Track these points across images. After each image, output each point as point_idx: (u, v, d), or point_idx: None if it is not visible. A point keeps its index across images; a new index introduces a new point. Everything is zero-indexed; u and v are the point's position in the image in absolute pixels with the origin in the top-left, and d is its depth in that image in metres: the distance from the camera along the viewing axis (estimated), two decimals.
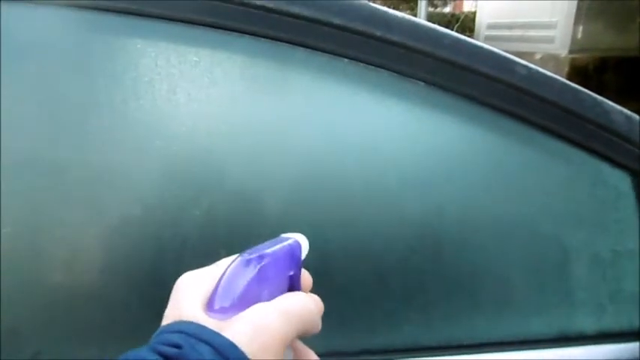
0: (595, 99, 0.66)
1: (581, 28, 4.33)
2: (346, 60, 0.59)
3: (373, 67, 0.60)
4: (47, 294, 0.53)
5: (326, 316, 0.60)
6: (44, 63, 0.53)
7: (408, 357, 0.59)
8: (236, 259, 0.31)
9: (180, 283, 0.31)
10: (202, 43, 0.56)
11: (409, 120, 0.62)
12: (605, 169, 0.66)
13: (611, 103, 0.67)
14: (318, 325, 0.32)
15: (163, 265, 0.54)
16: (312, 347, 0.58)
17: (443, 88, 0.62)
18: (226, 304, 0.29)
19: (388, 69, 0.60)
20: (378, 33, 0.59)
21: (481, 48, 0.63)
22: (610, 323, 0.66)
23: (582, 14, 4.28)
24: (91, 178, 0.54)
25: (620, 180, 0.67)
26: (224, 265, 0.32)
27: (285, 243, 0.33)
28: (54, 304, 0.53)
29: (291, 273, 0.32)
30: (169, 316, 0.29)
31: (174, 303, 0.30)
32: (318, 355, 0.59)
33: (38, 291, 0.53)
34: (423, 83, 0.61)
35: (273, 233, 0.57)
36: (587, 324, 0.66)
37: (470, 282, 0.63)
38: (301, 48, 0.58)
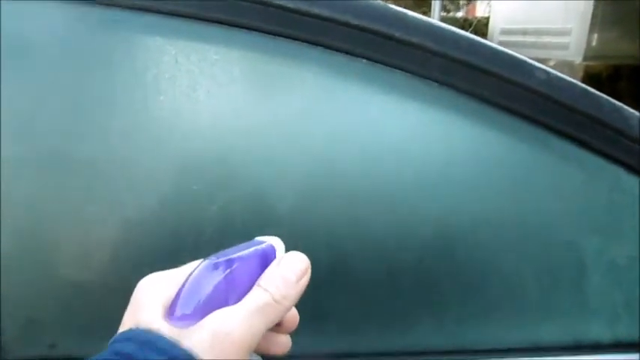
0: (614, 104, 0.66)
1: (596, 35, 4.29)
2: (364, 60, 0.59)
3: (391, 68, 0.60)
4: (63, 287, 0.53)
5: (337, 317, 0.60)
6: (61, 60, 0.53)
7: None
8: (202, 262, 0.29)
9: (140, 287, 0.29)
10: (221, 41, 0.56)
11: (425, 121, 0.62)
12: (623, 175, 0.66)
13: (629, 109, 0.66)
14: (290, 315, 0.32)
15: (180, 259, 0.54)
16: (322, 349, 0.59)
17: (460, 90, 0.61)
18: (188, 311, 0.27)
19: (406, 70, 0.60)
20: (397, 34, 0.59)
21: (499, 51, 0.63)
22: (626, 332, 0.65)
23: (597, 21, 4.25)
24: (108, 173, 0.54)
25: (637, 186, 0.66)
26: (189, 268, 0.30)
27: (258, 247, 0.31)
28: (70, 297, 0.53)
29: None
30: (126, 323, 0.28)
31: (132, 308, 0.28)
32: (328, 357, 0.59)
33: (54, 284, 0.54)
34: (440, 85, 0.61)
35: (286, 231, 0.58)
36: (602, 332, 0.65)
37: (483, 286, 0.63)
38: (319, 47, 0.58)
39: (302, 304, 0.58)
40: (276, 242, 0.33)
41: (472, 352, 0.61)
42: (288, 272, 0.30)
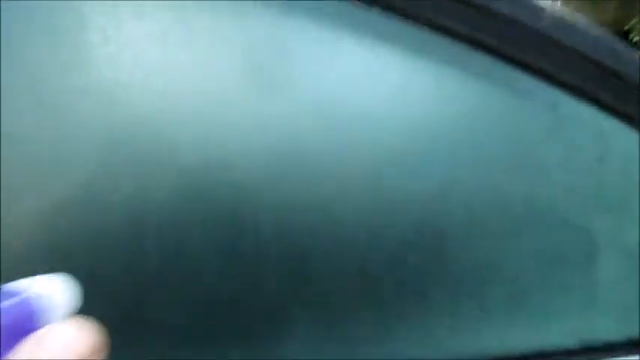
0: (630, 52, 0.54)
1: (559, 2, 4.27)
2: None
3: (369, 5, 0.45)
4: None
5: (304, 329, 0.47)
6: None
7: None
8: None
9: None
10: None
11: (412, 73, 0.48)
12: (638, 140, 0.54)
13: None
14: None
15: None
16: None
17: (456, 35, 0.47)
18: None
19: (391, 9, 0.46)
20: None
21: None
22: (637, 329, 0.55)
23: None
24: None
25: None
26: None
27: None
28: None
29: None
30: None
31: None
32: None
33: None
34: (430, 28, 0.47)
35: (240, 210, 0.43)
36: (614, 331, 0.55)
37: (477, 282, 0.50)
38: None
39: (259, 311, 0.46)
40: (46, 291, 0.18)
41: None
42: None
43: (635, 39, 3.79)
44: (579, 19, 0.52)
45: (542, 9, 0.51)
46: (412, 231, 0.47)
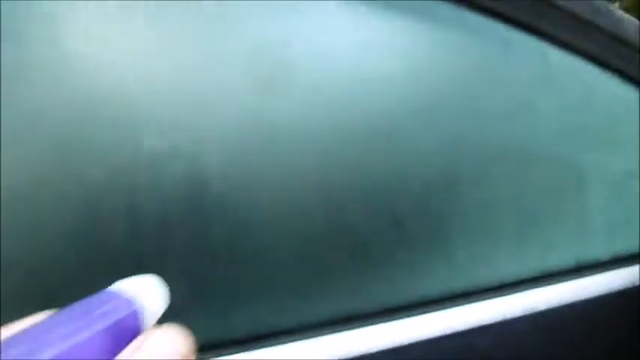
0: (606, 6, 0.60)
1: None
2: None
3: None
4: None
5: (339, 275, 0.52)
6: None
7: (433, 311, 0.53)
8: None
9: None
10: None
11: (415, 37, 0.53)
12: (617, 84, 0.61)
13: (621, 11, 0.61)
14: None
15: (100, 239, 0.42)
16: (324, 314, 0.50)
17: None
18: None
19: None
20: None
21: None
22: (624, 247, 0.63)
23: None
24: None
25: (631, 96, 0.62)
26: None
27: (106, 309, 0.18)
28: None
29: None
30: None
31: None
32: (334, 323, 0.51)
33: None
34: None
35: (279, 177, 0.46)
36: (603, 250, 0.63)
37: (487, 218, 0.57)
38: None
39: (299, 263, 0.50)
40: (145, 295, 0.19)
41: (485, 291, 0.56)
42: None
43: None
44: None
45: None
46: (431, 177, 0.53)
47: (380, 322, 0.50)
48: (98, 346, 0.17)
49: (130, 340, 0.18)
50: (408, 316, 0.51)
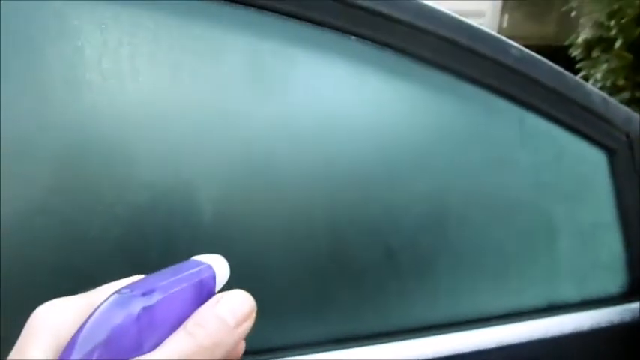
0: (577, 81, 0.70)
1: (506, 17, 4.58)
2: (353, 38, 0.58)
3: (376, 44, 0.59)
4: None
5: (335, 301, 0.59)
6: None
7: (417, 337, 0.60)
8: (111, 295, 0.22)
9: (33, 320, 0.23)
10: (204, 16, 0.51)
11: (413, 100, 0.62)
12: (585, 147, 0.71)
13: (590, 85, 0.71)
14: (236, 351, 0.25)
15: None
16: (319, 335, 0.58)
17: (444, 68, 0.62)
18: (85, 358, 0.20)
19: (393, 47, 0.60)
20: (385, 10, 0.58)
21: (480, 30, 0.64)
22: (591, 291, 0.71)
23: (508, 5, 4.53)
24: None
25: (597, 157, 0.71)
26: (103, 294, 0.23)
27: (192, 271, 0.25)
28: None
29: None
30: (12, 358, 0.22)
31: (21, 342, 0.22)
32: (328, 343, 0.58)
33: None
34: (423, 62, 0.61)
35: (283, 212, 0.55)
36: (572, 292, 0.70)
37: (470, 257, 0.65)
38: (307, 24, 0.56)
39: (299, 290, 0.57)
40: (217, 264, 0.26)
41: (465, 323, 0.63)
42: (226, 314, 0.23)
43: (574, 54, 4.09)
44: (537, 55, 0.67)
45: (511, 46, 0.66)
46: (422, 217, 0.61)
47: (369, 344, 0.57)
48: (188, 296, 0.23)
49: (207, 297, 0.24)
50: (395, 340, 0.58)
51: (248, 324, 0.24)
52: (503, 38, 0.66)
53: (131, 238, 0.50)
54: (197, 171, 0.52)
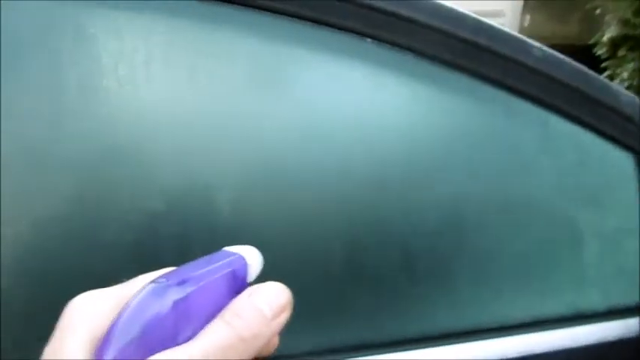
0: (604, 81, 0.68)
1: (528, 16, 4.50)
2: (369, 40, 0.57)
3: (395, 47, 0.58)
4: None
5: (352, 307, 0.58)
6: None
7: (436, 345, 0.58)
8: (147, 285, 0.22)
9: (70, 310, 0.23)
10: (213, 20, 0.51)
11: (431, 102, 0.61)
12: (611, 150, 0.68)
13: (617, 85, 0.69)
14: (270, 344, 0.24)
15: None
16: (336, 342, 0.57)
17: (464, 69, 0.60)
18: (121, 351, 0.20)
19: (410, 49, 0.58)
20: (401, 11, 0.57)
21: (499, 29, 0.62)
22: (618, 299, 0.68)
23: (529, 4, 4.45)
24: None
25: (624, 160, 0.69)
26: (136, 287, 0.23)
27: (225, 261, 0.24)
28: None
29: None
30: (48, 355, 0.22)
31: (57, 337, 0.22)
32: (345, 350, 0.57)
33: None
34: (444, 64, 0.60)
35: (300, 216, 0.54)
36: (598, 301, 0.68)
37: (490, 264, 0.63)
38: (325, 27, 0.55)
39: (315, 296, 0.56)
40: (250, 256, 0.25)
41: (485, 331, 0.61)
42: (264, 305, 0.23)
43: (599, 53, 3.99)
44: (560, 55, 0.65)
45: (532, 46, 0.64)
46: (441, 223, 0.60)
47: (387, 352, 0.56)
48: (222, 287, 0.23)
49: (240, 288, 0.24)
50: (413, 348, 0.56)
51: (284, 316, 0.24)
52: (525, 38, 0.64)
53: (147, 243, 0.50)
54: (213, 175, 0.52)
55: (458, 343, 0.59)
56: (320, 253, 0.56)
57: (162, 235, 0.50)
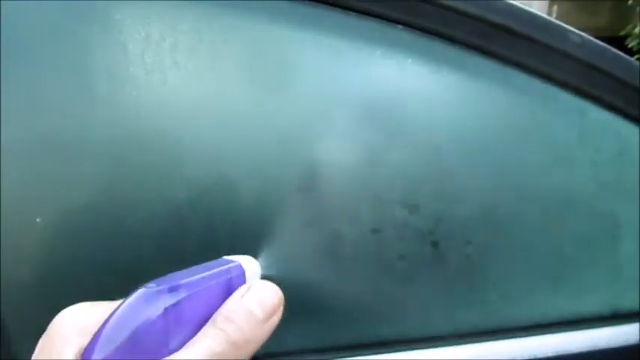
0: None
1: (555, 7, 4.38)
2: (400, 26, 0.55)
3: (424, 32, 0.56)
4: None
5: (381, 303, 0.57)
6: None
7: (469, 342, 0.56)
8: (137, 290, 0.22)
9: (59, 320, 0.22)
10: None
11: (463, 91, 0.59)
12: None
13: None
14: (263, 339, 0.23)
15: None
16: (362, 338, 0.55)
17: (497, 56, 0.58)
18: (109, 354, 0.20)
19: (441, 35, 0.56)
20: None
21: (535, 14, 0.60)
22: None
23: None
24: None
25: None
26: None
27: (222, 268, 0.24)
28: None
29: None
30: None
31: (43, 347, 0.22)
32: (372, 345, 0.55)
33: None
34: (475, 50, 0.57)
35: (326, 209, 0.53)
36: (636, 300, 0.65)
37: (526, 260, 0.61)
38: (352, 14, 0.53)
39: (341, 290, 0.55)
40: (247, 264, 0.25)
41: (518, 329, 0.59)
42: (255, 307, 0.22)
43: (631, 44, 3.86)
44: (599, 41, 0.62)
45: (569, 32, 0.61)
46: (474, 216, 0.58)
47: (417, 349, 0.54)
48: (216, 294, 0.23)
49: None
50: (445, 345, 0.55)
51: (276, 318, 0.23)
52: (561, 23, 0.61)
53: (172, 232, 0.49)
54: (238, 164, 0.51)
55: (490, 340, 0.57)
56: (346, 244, 0.54)
57: (188, 225, 0.49)
